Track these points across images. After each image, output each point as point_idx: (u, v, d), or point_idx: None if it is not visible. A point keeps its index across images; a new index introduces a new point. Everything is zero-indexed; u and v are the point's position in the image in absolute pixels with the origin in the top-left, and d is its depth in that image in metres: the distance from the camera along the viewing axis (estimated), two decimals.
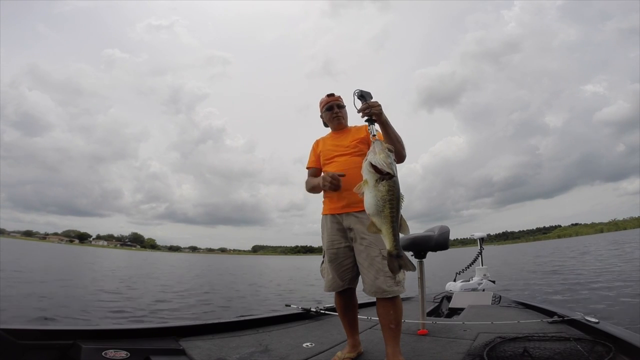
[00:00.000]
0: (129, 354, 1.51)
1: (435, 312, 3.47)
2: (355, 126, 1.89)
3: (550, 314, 2.42)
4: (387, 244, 1.27)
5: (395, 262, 1.30)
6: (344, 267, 1.72)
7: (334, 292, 1.81)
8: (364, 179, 1.30)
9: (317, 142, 1.95)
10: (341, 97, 1.91)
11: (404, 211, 1.30)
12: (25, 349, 1.38)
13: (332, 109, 1.87)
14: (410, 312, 2.68)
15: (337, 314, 1.91)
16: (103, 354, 1.47)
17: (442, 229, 2.34)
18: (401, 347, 1.61)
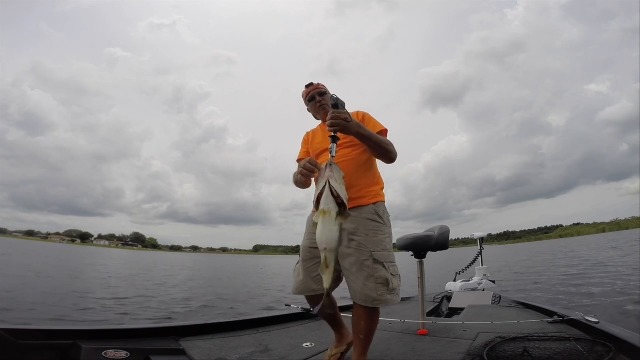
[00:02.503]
0: (129, 354, 1.51)
1: (435, 312, 3.46)
2: None
3: (550, 314, 2.41)
4: (327, 282, 1.14)
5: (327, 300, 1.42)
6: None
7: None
8: (325, 207, 1.12)
9: (307, 134, 1.83)
10: (321, 83, 1.75)
11: (406, 210, 1.23)
12: (26, 349, 1.39)
13: (314, 99, 1.71)
14: (410, 312, 2.68)
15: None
16: (103, 354, 1.47)
17: (442, 229, 2.33)
18: (401, 347, 1.61)
